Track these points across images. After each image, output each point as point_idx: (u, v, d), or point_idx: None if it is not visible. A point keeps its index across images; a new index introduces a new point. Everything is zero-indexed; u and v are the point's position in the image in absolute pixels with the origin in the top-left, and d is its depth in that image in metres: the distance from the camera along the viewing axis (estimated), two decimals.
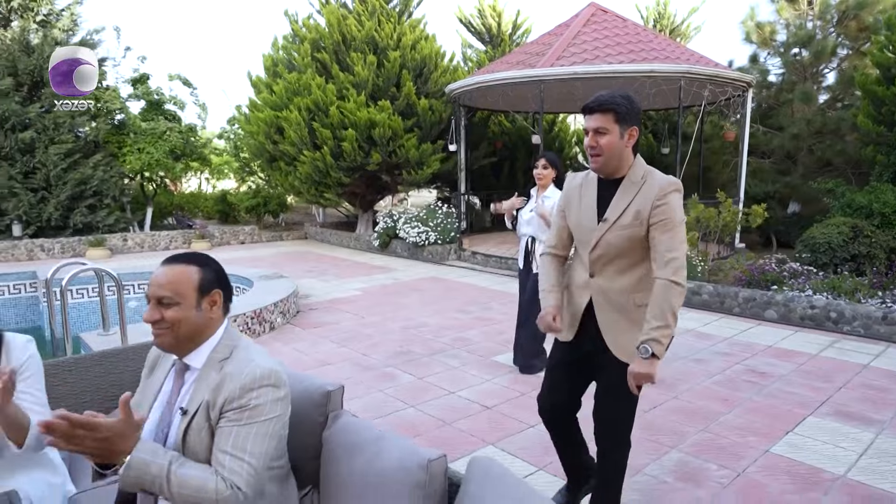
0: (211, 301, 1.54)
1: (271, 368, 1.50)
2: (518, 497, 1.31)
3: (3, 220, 11.23)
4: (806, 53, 12.07)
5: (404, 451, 1.51)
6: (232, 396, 1.44)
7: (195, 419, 1.46)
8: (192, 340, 1.53)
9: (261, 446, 1.44)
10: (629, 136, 2.11)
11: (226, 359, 1.53)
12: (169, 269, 1.51)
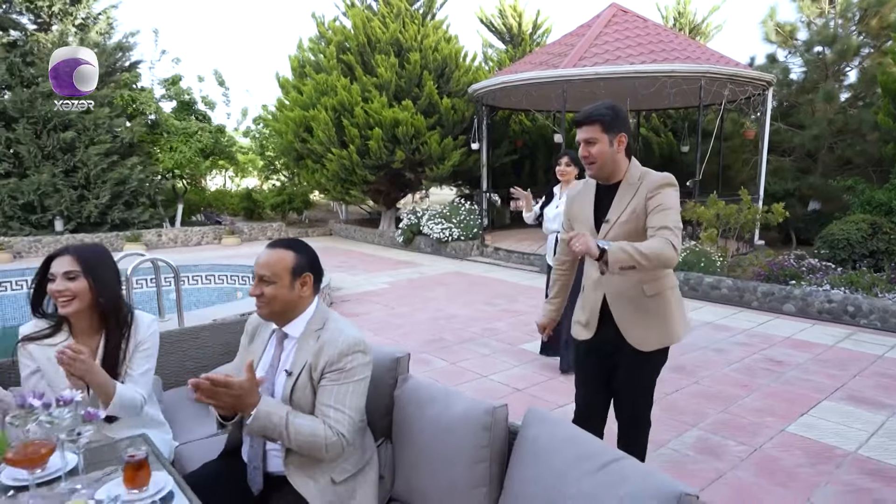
0: (302, 282, 1.83)
1: (360, 338, 1.80)
2: (570, 437, 1.60)
3: (45, 216, 11.75)
4: (828, 52, 12.12)
5: (470, 403, 1.80)
6: (331, 360, 1.74)
7: (299, 379, 1.76)
8: (287, 313, 1.83)
9: (356, 401, 1.74)
10: (618, 143, 2.22)
11: (320, 329, 1.82)
12: (270, 252, 1.82)
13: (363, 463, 1.87)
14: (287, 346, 1.85)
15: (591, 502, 1.39)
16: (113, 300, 2.02)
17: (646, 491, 1.31)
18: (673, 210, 2.13)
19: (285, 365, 1.82)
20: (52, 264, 1.96)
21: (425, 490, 1.82)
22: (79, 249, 2.00)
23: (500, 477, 1.70)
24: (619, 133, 2.21)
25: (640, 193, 2.20)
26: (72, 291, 1.92)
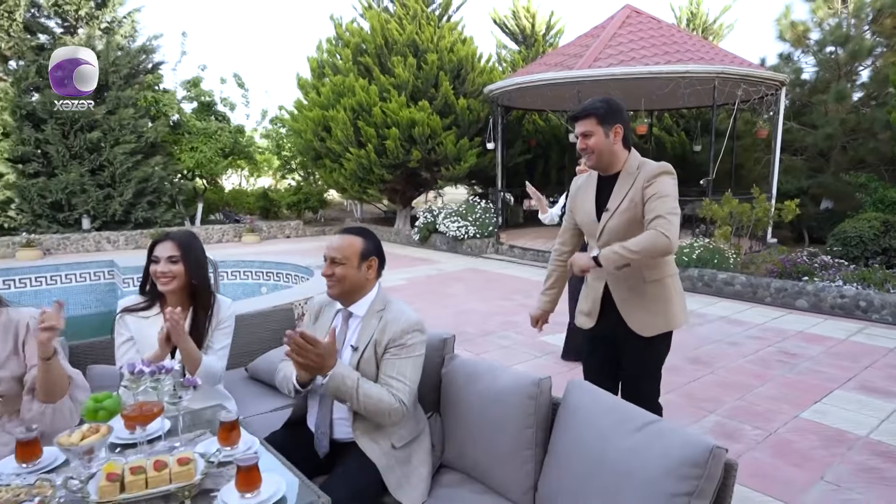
0: (368, 265, 2.05)
1: (419, 318, 2.01)
2: (609, 403, 1.80)
3: (72, 215, 12.08)
4: (841, 52, 12.19)
5: (516, 376, 2.00)
6: (394, 337, 1.95)
7: (365, 353, 1.97)
8: (353, 293, 2.04)
9: (414, 374, 1.96)
10: (614, 134, 2.30)
11: (382, 310, 2.04)
12: (341, 237, 2.04)
13: (417, 432, 2.08)
14: (352, 325, 2.07)
15: (633, 456, 1.58)
16: (203, 282, 2.28)
17: (681, 445, 1.51)
18: (669, 197, 2.19)
19: (351, 341, 2.03)
20: (156, 248, 2.23)
21: (476, 455, 2.02)
22: (178, 236, 2.27)
23: (544, 442, 1.91)
24: (615, 125, 2.30)
25: (638, 183, 2.27)
26: (172, 273, 2.18)
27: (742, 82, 9.50)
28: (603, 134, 2.31)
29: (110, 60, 12.44)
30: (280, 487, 1.52)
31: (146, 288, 2.34)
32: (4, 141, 11.53)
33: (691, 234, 9.65)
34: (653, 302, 2.35)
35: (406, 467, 1.97)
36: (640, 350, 2.40)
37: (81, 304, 8.51)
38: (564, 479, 1.77)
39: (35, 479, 1.50)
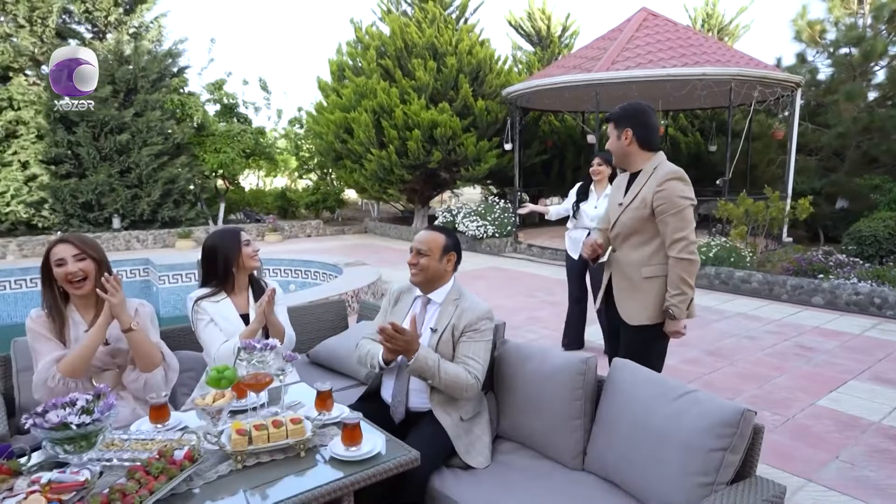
0: (448, 259, 2.35)
1: (490, 308, 2.31)
2: (650, 378, 2.07)
3: (102, 214, 12.49)
4: (855, 52, 12.31)
5: (564, 356, 2.28)
6: (470, 323, 2.24)
7: (443, 335, 2.26)
8: (433, 282, 2.34)
9: (485, 355, 2.25)
10: (624, 137, 2.52)
11: (458, 299, 2.33)
12: (429, 233, 2.36)
13: (480, 408, 2.36)
14: (430, 310, 2.37)
15: (673, 420, 1.85)
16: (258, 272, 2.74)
17: (716, 410, 1.78)
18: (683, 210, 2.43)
19: (430, 323, 2.32)
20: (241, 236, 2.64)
21: (531, 426, 2.29)
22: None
23: (592, 412, 2.18)
24: (624, 129, 2.52)
25: (651, 184, 2.47)
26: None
27: (758, 84, 9.68)
28: (615, 136, 2.56)
29: (139, 65, 12.83)
30: (377, 443, 1.81)
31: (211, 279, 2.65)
32: (38, 143, 11.95)
33: (707, 233, 9.85)
34: (644, 296, 2.53)
35: (471, 436, 2.25)
36: (629, 336, 2.61)
37: None
38: (612, 442, 2.04)
39: (179, 435, 1.80)
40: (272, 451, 1.76)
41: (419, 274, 2.32)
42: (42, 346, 2.15)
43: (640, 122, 2.53)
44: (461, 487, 2.05)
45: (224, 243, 2.61)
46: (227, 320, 2.56)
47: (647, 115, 2.56)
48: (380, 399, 2.40)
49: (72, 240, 2.23)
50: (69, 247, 2.20)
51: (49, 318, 2.20)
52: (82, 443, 1.59)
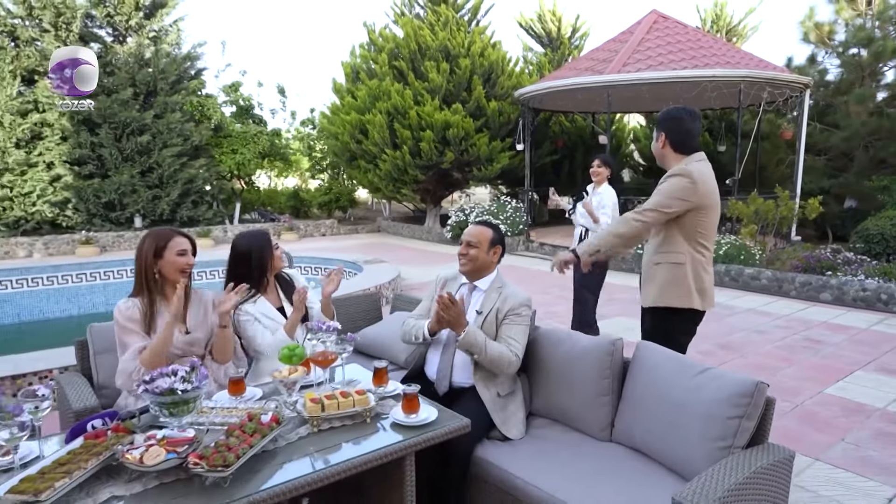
0: (494, 251, 2.62)
1: (529, 297, 2.56)
2: (671, 357, 2.30)
3: (124, 213, 12.81)
4: (864, 53, 12.45)
5: (593, 339, 2.51)
6: (513, 308, 2.50)
7: (487, 318, 2.52)
8: (480, 271, 2.62)
9: (524, 337, 2.49)
10: (660, 140, 2.75)
11: (501, 287, 2.60)
12: (477, 227, 2.65)
13: (515, 387, 2.60)
14: (475, 296, 2.63)
15: (693, 394, 2.08)
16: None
17: (732, 383, 2.01)
18: (656, 194, 2.64)
19: (475, 307, 2.58)
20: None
21: (562, 402, 2.53)
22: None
23: (618, 389, 2.41)
24: (660, 132, 2.75)
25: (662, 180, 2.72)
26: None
27: (767, 85, 9.86)
28: (655, 139, 2.82)
29: (158, 68, 13.15)
30: (432, 412, 2.05)
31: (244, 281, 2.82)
32: (63, 144, 12.28)
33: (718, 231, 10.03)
34: (652, 280, 2.77)
35: (507, 411, 2.49)
36: (645, 319, 2.85)
37: None
38: (638, 416, 2.27)
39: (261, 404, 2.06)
40: (342, 418, 2.00)
41: (468, 264, 2.60)
42: (128, 338, 2.33)
43: (674, 128, 2.73)
44: (501, 455, 2.29)
45: (257, 247, 2.76)
46: (267, 317, 2.75)
47: (682, 122, 2.73)
48: (421, 378, 2.65)
49: (189, 236, 2.48)
50: (187, 242, 2.45)
51: (142, 307, 2.39)
52: (183, 407, 1.84)
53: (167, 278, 2.45)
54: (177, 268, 2.43)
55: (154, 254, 2.43)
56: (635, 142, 17.70)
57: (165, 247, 2.43)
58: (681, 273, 2.68)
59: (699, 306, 2.70)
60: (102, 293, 8.77)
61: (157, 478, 1.64)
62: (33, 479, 1.52)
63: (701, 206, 2.63)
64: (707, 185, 2.64)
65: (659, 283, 2.72)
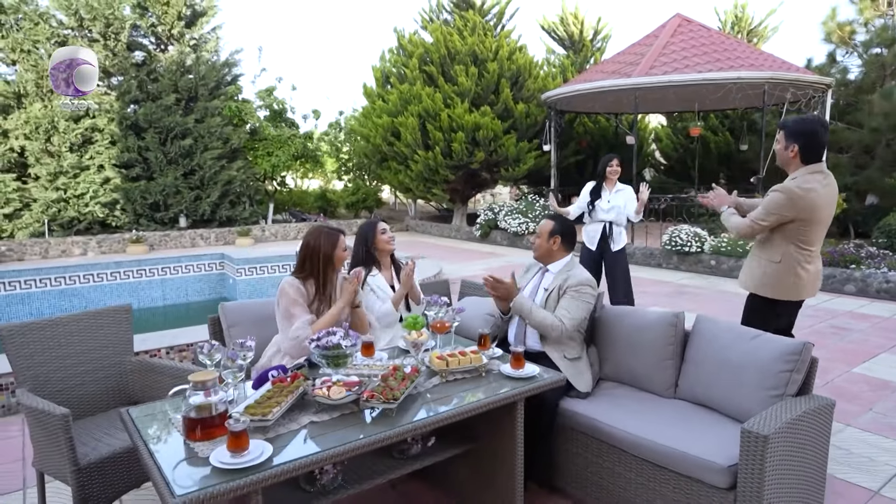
0: (553, 240, 3.07)
1: (591, 278, 3.00)
2: (728, 326, 2.74)
3: (168, 214, 13.44)
4: (886, 53, 12.70)
5: (658, 313, 2.96)
6: (572, 285, 2.95)
7: (551, 294, 2.98)
8: (546, 257, 3.09)
9: (577, 311, 2.91)
10: (791, 150, 2.97)
11: (570, 270, 3.04)
12: (543, 221, 3.13)
13: (581, 353, 3.04)
14: (546, 277, 3.10)
15: (749, 355, 2.52)
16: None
17: (783, 344, 2.45)
18: (760, 207, 3.04)
19: (544, 286, 3.05)
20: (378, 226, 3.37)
21: (631, 366, 2.97)
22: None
23: (681, 354, 2.85)
24: (792, 143, 2.96)
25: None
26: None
27: (790, 86, 10.19)
28: (783, 146, 3.03)
29: (199, 74, 13.76)
30: (535, 368, 2.51)
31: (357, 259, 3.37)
32: (112, 148, 12.93)
33: None
34: (752, 271, 3.19)
35: (575, 370, 2.93)
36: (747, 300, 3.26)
37: (197, 292, 9.76)
38: (700, 375, 2.72)
39: (391, 363, 2.54)
40: (463, 372, 2.47)
41: (536, 251, 3.14)
42: (295, 309, 2.80)
43: (809, 142, 2.94)
44: (582, 406, 2.76)
45: (361, 232, 3.42)
46: (380, 289, 3.32)
47: (818, 136, 2.93)
48: (504, 345, 3.13)
49: (345, 233, 3.04)
50: (345, 240, 3.00)
51: (307, 288, 2.85)
52: (343, 360, 2.32)
53: (336, 268, 2.96)
54: (342, 260, 2.98)
55: (332, 250, 2.92)
56: (657, 141, 18.03)
57: (337, 244, 2.94)
58: (775, 270, 3.05)
59: (793, 297, 3.09)
60: (160, 288, 9.36)
61: (339, 409, 2.12)
62: (254, 407, 2.01)
63: (800, 219, 2.92)
64: (811, 201, 2.89)
65: (756, 275, 3.15)
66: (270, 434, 1.95)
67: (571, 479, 2.76)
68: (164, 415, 2.16)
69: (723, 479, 2.14)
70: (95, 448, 2.45)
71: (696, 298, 7.39)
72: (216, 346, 2.14)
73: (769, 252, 3.10)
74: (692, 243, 9.17)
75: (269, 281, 9.33)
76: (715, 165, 15.56)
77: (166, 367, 2.95)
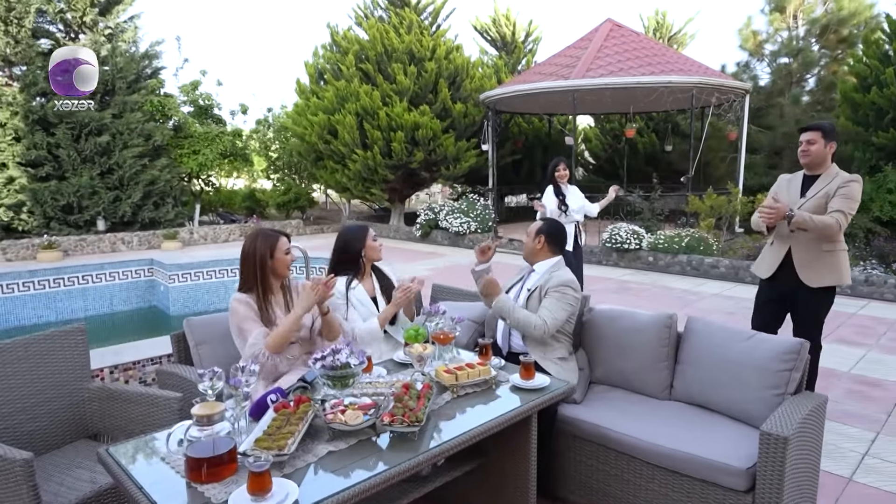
0: (538, 241, 3.06)
1: (574, 279, 2.97)
2: (721, 326, 2.79)
3: (83, 216, 12.39)
4: (792, 62, 13.76)
5: (651, 315, 2.97)
6: (553, 286, 2.91)
7: (533, 294, 2.96)
8: (531, 257, 3.12)
9: (559, 312, 2.87)
10: (830, 148, 3.31)
11: (555, 271, 3.00)
12: (533, 223, 3.01)
13: (567, 354, 3.01)
14: (531, 277, 3.09)
15: (747, 354, 2.58)
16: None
17: (780, 343, 2.51)
18: (847, 199, 3.19)
19: (528, 286, 3.03)
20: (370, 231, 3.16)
21: (623, 369, 2.98)
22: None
23: (674, 356, 2.88)
24: (831, 142, 3.31)
25: (834, 183, 3.25)
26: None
27: (716, 91, 10.79)
28: (823, 144, 3.31)
29: (116, 66, 12.78)
30: (546, 379, 2.45)
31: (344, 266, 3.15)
32: (16, 145, 11.75)
33: (675, 225, 10.90)
34: (824, 265, 3.29)
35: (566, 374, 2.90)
36: (809, 297, 3.36)
37: (123, 301, 9.04)
38: (696, 375, 2.75)
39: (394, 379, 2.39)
40: (472, 385, 2.37)
41: (523, 250, 3.16)
42: (247, 325, 2.58)
43: (836, 140, 3.40)
44: (579, 411, 2.73)
45: (353, 237, 3.16)
46: (361, 303, 3.10)
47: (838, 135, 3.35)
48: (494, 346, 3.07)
49: (288, 235, 2.75)
50: (287, 241, 2.73)
51: (256, 301, 2.65)
52: (350, 380, 2.16)
53: (278, 275, 2.72)
54: (285, 265, 2.71)
55: (269, 254, 2.69)
56: (586, 142, 18.62)
57: (276, 248, 2.70)
58: (845, 256, 3.35)
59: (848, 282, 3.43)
60: (81, 298, 8.58)
61: (355, 435, 1.96)
62: (265, 440, 1.81)
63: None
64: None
65: (836, 266, 3.30)
66: (287, 469, 1.77)
67: (576, 488, 2.72)
68: (152, 451, 1.92)
69: (741, 481, 2.17)
70: (59, 494, 2.15)
71: (642, 294, 7.65)
72: (218, 373, 1.91)
73: (840, 242, 3.31)
74: (631, 240, 9.50)
75: (204, 287, 8.79)
76: (642, 165, 16.25)
77: (130, 393, 2.65)
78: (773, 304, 3.61)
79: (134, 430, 2.49)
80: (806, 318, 3.46)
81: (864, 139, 10.89)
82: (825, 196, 3.29)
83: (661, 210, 11.01)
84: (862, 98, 10.80)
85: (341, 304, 3.11)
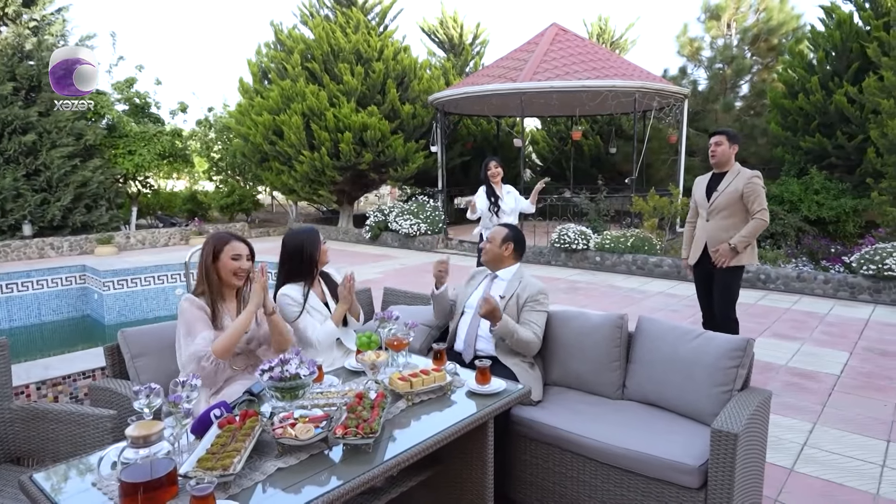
0: (506, 247, 3.03)
1: (544, 285, 2.97)
2: (671, 326, 2.84)
3: (6, 221, 11.59)
4: (727, 69, 14.39)
5: (602, 315, 3.00)
6: (531, 295, 2.90)
7: (509, 302, 2.90)
8: (496, 263, 3.04)
9: (543, 322, 2.90)
10: (733, 149, 4.09)
11: (521, 278, 2.99)
12: (497, 227, 3.07)
13: (532, 359, 3.02)
14: (496, 283, 3.03)
15: (696, 352, 2.63)
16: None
17: (728, 341, 2.58)
18: (758, 195, 4.01)
19: (497, 292, 2.96)
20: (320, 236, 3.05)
21: (578, 370, 2.99)
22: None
23: (626, 356, 2.92)
24: (734, 144, 4.10)
25: (739, 179, 4.04)
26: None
27: (657, 95, 11.14)
28: (728, 146, 4.12)
29: (42, 61, 12.03)
30: (501, 383, 2.41)
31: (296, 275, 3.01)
32: None
33: (620, 225, 11.17)
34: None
35: (529, 375, 2.90)
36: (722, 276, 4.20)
37: (52, 310, 8.50)
38: (648, 375, 2.79)
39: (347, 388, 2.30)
40: (428, 392, 2.31)
41: (486, 255, 3.07)
42: (200, 327, 2.43)
43: (739, 145, 4.18)
44: (533, 413, 2.71)
45: (309, 241, 2.99)
46: (315, 309, 2.99)
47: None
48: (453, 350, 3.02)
49: (248, 242, 2.61)
50: (245, 247, 2.57)
51: (207, 305, 2.51)
52: (299, 392, 2.06)
53: (223, 280, 2.58)
54: (230, 270, 2.56)
55: (213, 257, 2.55)
56: (533, 144, 18.90)
57: (222, 250, 2.56)
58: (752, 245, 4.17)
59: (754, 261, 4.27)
60: (5, 307, 8.01)
61: (306, 450, 1.87)
62: (208, 460, 1.69)
63: None
64: None
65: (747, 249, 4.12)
66: (233, 489, 1.66)
67: (532, 490, 2.71)
68: (81, 476, 1.77)
69: (694, 479, 2.20)
70: None
71: (591, 293, 7.79)
72: (156, 390, 1.78)
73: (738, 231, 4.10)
74: (579, 241, 9.68)
75: (143, 294, 8.37)
76: (588, 167, 16.62)
77: (58, 412, 2.45)
78: (702, 284, 4.47)
79: (62, 453, 2.31)
80: (720, 293, 4.25)
81: (792, 143, 11.49)
82: (734, 189, 4.05)
83: (606, 211, 11.28)
84: (790, 104, 11.39)
85: (296, 310, 2.98)
